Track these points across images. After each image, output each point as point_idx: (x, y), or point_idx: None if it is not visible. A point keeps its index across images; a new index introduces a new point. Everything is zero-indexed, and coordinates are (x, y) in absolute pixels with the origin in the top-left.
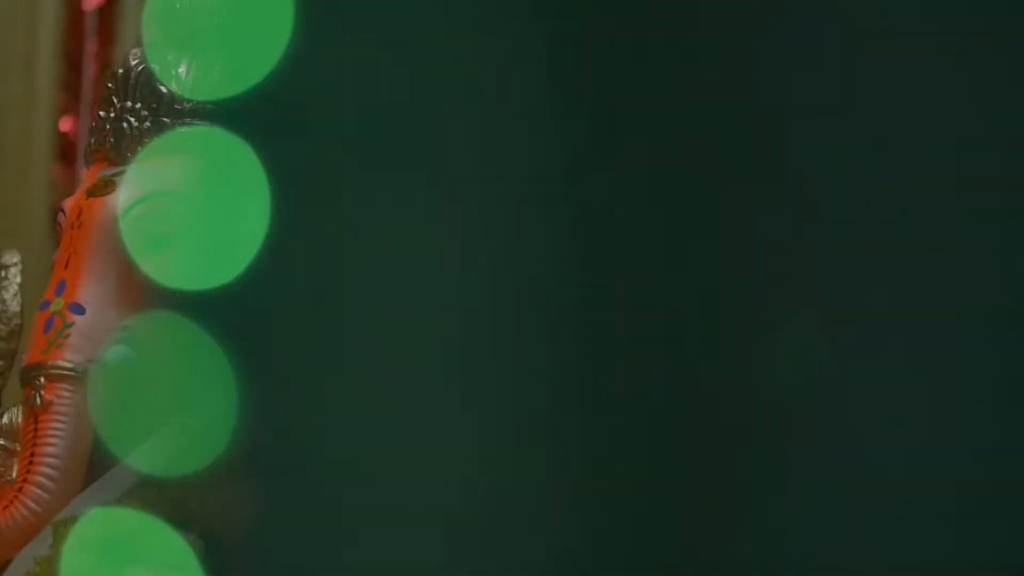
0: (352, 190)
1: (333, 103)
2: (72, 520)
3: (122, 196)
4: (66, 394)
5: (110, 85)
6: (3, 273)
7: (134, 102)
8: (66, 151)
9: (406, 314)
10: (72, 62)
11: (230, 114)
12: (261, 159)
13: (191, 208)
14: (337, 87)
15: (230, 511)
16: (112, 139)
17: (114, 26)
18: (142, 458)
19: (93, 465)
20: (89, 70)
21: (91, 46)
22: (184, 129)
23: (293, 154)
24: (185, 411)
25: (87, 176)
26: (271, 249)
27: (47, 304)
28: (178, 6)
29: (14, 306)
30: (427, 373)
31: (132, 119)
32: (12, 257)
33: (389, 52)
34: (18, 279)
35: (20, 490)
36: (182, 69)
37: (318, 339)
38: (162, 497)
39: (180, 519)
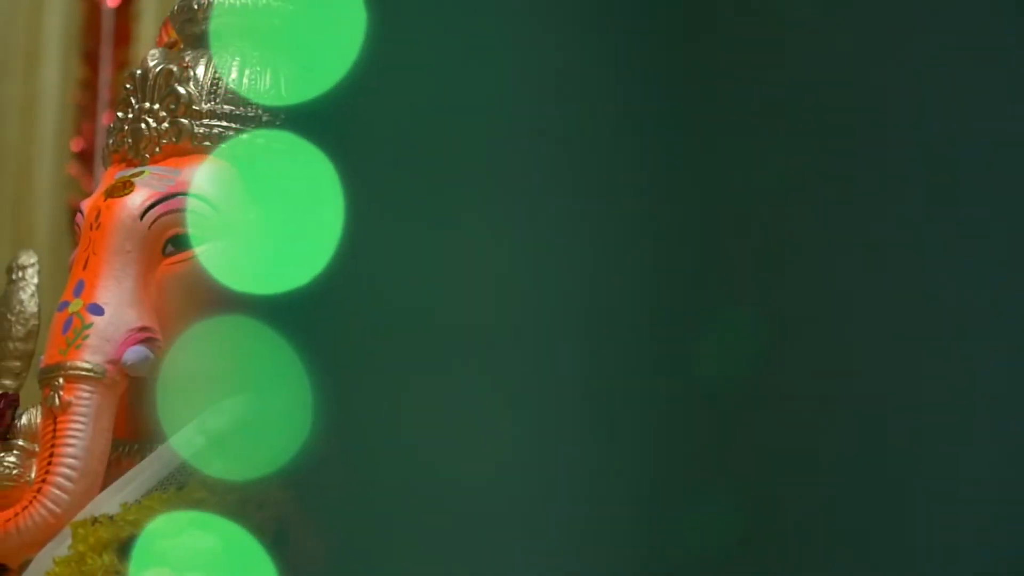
0: (422, 195)
1: (404, 108)
2: (92, 520)
3: (191, 200)
4: (85, 395)
5: (128, 86)
6: (20, 274)
7: (152, 103)
8: (83, 151)
9: (477, 318)
10: (89, 61)
11: (303, 119)
12: (334, 164)
13: (264, 212)
14: (408, 91)
15: (298, 513)
16: (130, 140)
17: (130, 26)
18: (209, 461)
19: (111, 465)
20: (106, 70)
21: (107, 46)
22: (253, 134)
23: (364, 159)
24: (256, 414)
25: (105, 177)
26: (343, 254)
27: (66, 305)
28: (247, 12)
29: (31, 306)
30: (495, 375)
31: (150, 120)
32: (29, 258)
33: (459, 56)
34: (35, 280)
35: (39, 491)
36: (254, 75)
37: (389, 343)
38: (183, 498)
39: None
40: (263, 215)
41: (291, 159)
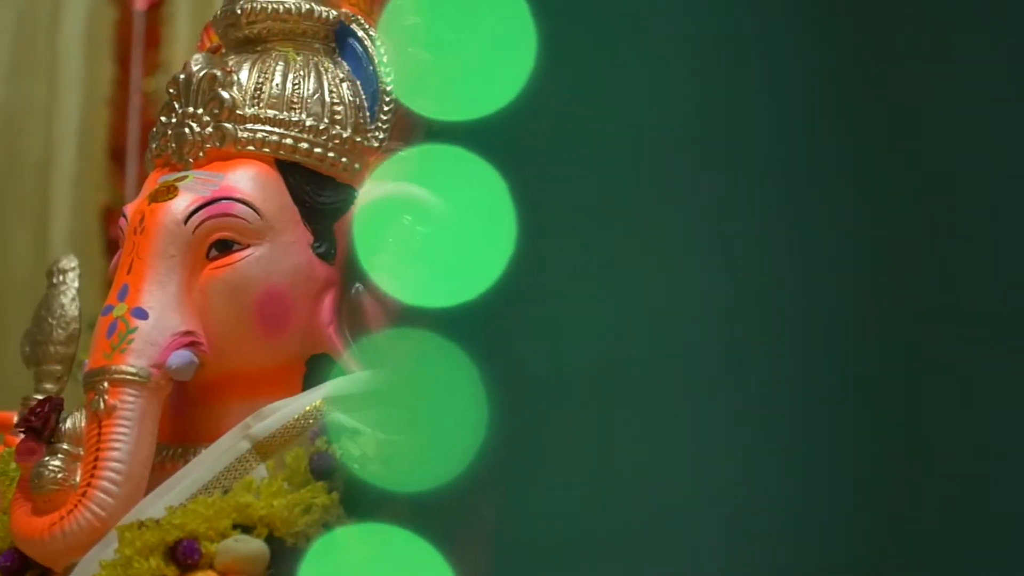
0: (594, 203)
1: (577, 120)
2: (138, 524)
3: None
4: (129, 399)
5: (172, 90)
6: (61, 277)
7: (196, 107)
8: (114, 152)
9: (652, 325)
10: (121, 63)
11: (475, 134)
12: (506, 178)
13: (437, 227)
14: (581, 102)
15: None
16: (174, 144)
17: (160, 29)
18: (388, 473)
19: (154, 469)
20: (136, 72)
21: (138, 48)
22: (426, 148)
23: (536, 170)
24: (431, 426)
25: (148, 181)
26: (518, 264)
27: (110, 309)
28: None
29: (72, 310)
30: (671, 382)
31: (194, 124)
32: (70, 262)
33: (630, 66)
34: (76, 283)
35: (84, 494)
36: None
37: (564, 353)
38: (229, 502)
39: (248, 525)
40: (434, 229)
41: (463, 173)
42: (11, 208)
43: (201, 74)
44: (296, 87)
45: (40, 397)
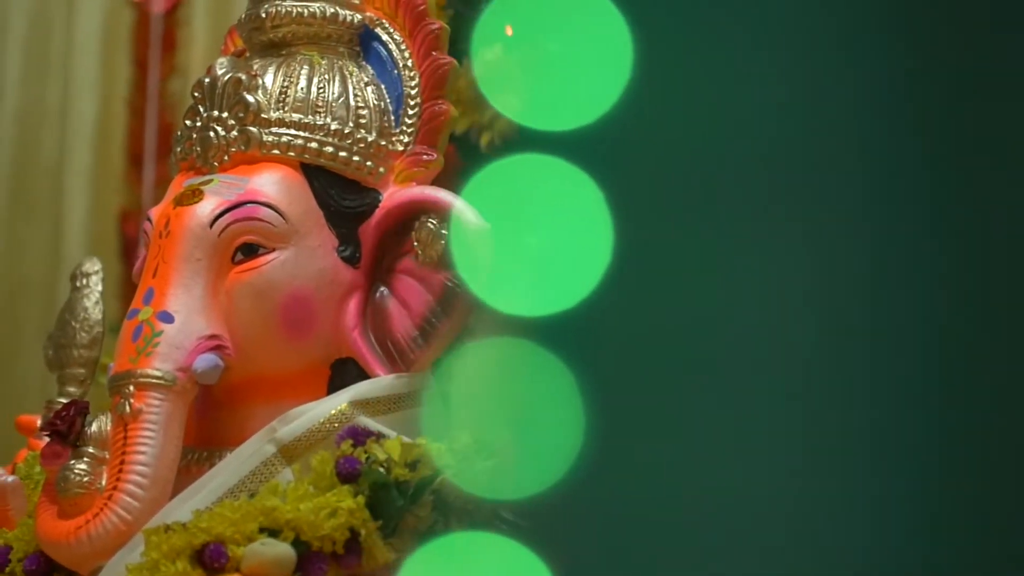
0: (690, 208)
1: (671, 128)
2: (165, 528)
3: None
4: (155, 402)
5: (196, 94)
6: (84, 281)
7: (221, 111)
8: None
9: (749, 334)
10: (139, 66)
11: (571, 144)
12: (602, 188)
13: (533, 236)
14: (677, 113)
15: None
16: (199, 148)
17: (175, 32)
18: (483, 480)
19: (180, 472)
20: (154, 75)
21: (156, 50)
22: (522, 158)
23: (632, 183)
24: (527, 434)
25: (173, 185)
26: (612, 275)
27: (136, 313)
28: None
29: (96, 313)
30: (773, 390)
31: (219, 128)
32: (93, 265)
33: (725, 75)
34: (99, 287)
35: (110, 498)
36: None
37: (659, 364)
38: (255, 506)
39: (274, 528)
40: (530, 238)
41: (559, 182)
42: (26, 210)
43: (226, 78)
44: (321, 91)
45: (64, 400)
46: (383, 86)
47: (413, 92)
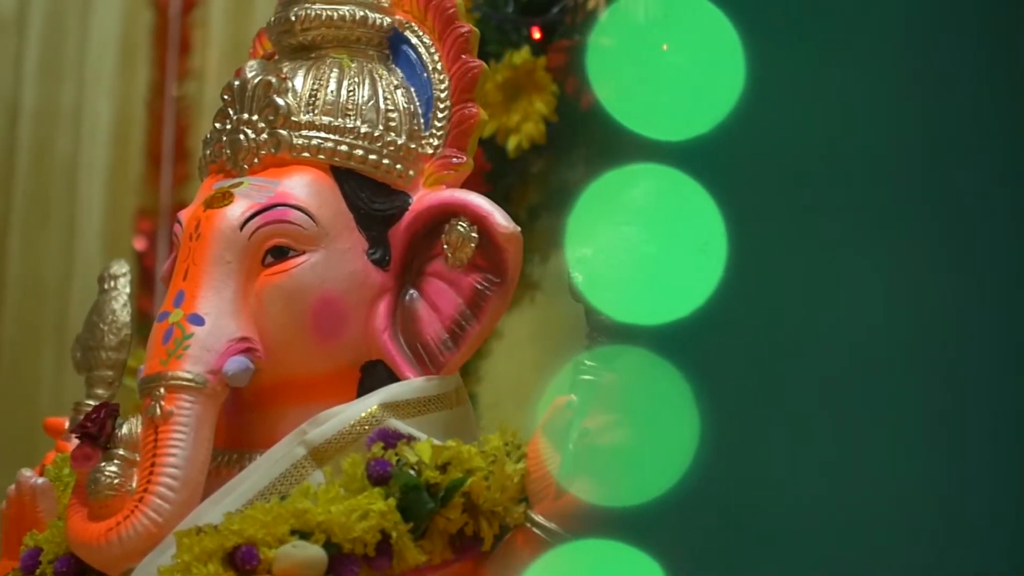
0: (801, 221)
1: (787, 141)
2: (196, 530)
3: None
4: (186, 405)
5: (226, 97)
6: (112, 283)
7: (251, 114)
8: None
9: (863, 344)
10: (157, 67)
11: (686, 154)
12: (716, 198)
13: (649, 245)
14: (790, 120)
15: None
16: (228, 151)
17: (189, 34)
18: (598, 486)
19: (210, 475)
20: (171, 76)
21: (173, 52)
22: (636, 168)
23: (746, 193)
24: (644, 441)
25: (203, 187)
26: (728, 284)
27: (166, 315)
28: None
29: (124, 316)
30: (882, 400)
31: (248, 131)
32: (121, 267)
33: (838, 81)
34: (127, 289)
35: (140, 500)
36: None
37: (776, 373)
38: (287, 508)
39: (306, 531)
40: (644, 246)
41: (673, 192)
42: (42, 211)
43: (256, 80)
44: (351, 94)
45: (92, 403)
46: (412, 89)
47: (443, 95)
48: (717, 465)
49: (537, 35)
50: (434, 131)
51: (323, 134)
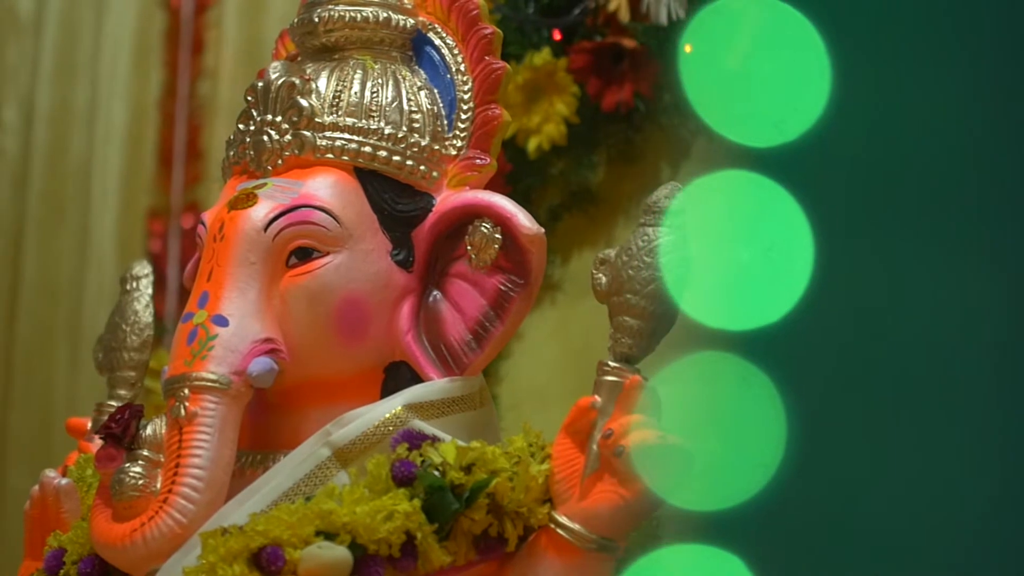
0: (887, 227)
1: (872, 147)
2: (222, 531)
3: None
4: (210, 405)
5: (250, 98)
6: (134, 284)
7: (274, 115)
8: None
9: (951, 351)
10: (169, 68)
11: (773, 161)
12: (802, 205)
13: (737, 252)
14: (874, 131)
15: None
16: (252, 152)
17: (203, 34)
18: (682, 491)
19: (234, 476)
20: (184, 76)
21: (185, 52)
22: (724, 175)
23: (832, 199)
24: (729, 446)
25: (226, 189)
26: (815, 290)
27: (190, 316)
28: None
29: (146, 317)
30: (974, 408)
31: (272, 132)
32: (143, 268)
33: (925, 90)
34: (149, 290)
35: (165, 501)
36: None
37: (862, 378)
38: (312, 509)
39: (331, 531)
40: (729, 252)
41: (758, 199)
42: (56, 211)
43: (280, 82)
44: (374, 95)
45: (114, 403)
46: (436, 90)
47: (466, 96)
48: (804, 469)
49: (558, 36)
50: (457, 132)
51: (347, 135)
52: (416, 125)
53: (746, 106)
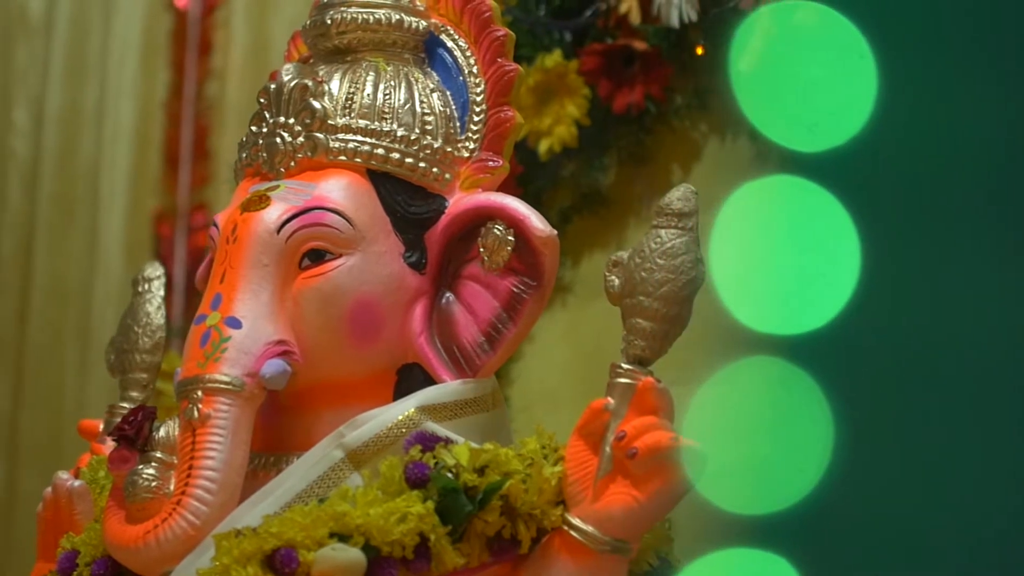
0: (933, 233)
1: (919, 152)
2: (235, 533)
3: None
4: (223, 407)
5: (262, 100)
6: (146, 286)
7: (287, 117)
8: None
9: (999, 355)
10: (176, 69)
11: (819, 165)
12: (849, 209)
13: (785, 256)
14: (921, 136)
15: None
16: (264, 154)
17: (210, 35)
18: (727, 493)
19: (247, 478)
20: (191, 78)
21: (192, 53)
22: (772, 180)
23: (879, 204)
24: (777, 450)
25: (239, 191)
26: (861, 294)
27: (203, 318)
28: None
29: (158, 318)
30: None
31: (285, 134)
32: (155, 270)
33: (970, 94)
34: (161, 292)
35: (178, 503)
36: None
37: (909, 382)
38: (325, 511)
39: (344, 533)
40: (779, 257)
41: (806, 204)
42: (64, 212)
43: (292, 84)
44: (387, 97)
45: (126, 405)
46: (448, 92)
47: (478, 98)
48: (851, 473)
49: (569, 38)
50: (470, 134)
51: (359, 137)
52: (428, 127)
53: (793, 110)
